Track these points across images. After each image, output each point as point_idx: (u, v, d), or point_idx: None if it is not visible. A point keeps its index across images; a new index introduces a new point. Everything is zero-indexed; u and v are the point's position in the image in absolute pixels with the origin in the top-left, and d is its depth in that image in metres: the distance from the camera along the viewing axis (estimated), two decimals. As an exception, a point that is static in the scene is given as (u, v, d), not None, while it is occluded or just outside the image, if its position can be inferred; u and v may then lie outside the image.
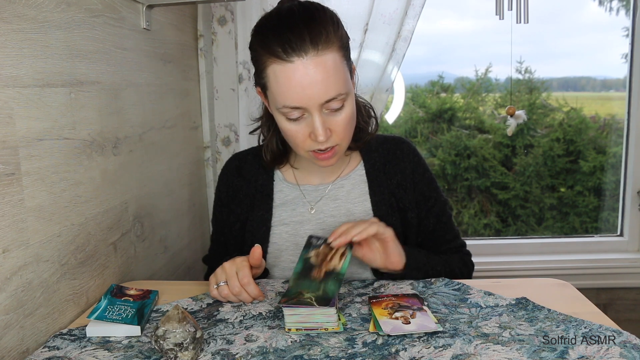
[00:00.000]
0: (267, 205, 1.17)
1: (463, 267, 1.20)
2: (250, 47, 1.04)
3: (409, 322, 0.87)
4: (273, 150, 1.15)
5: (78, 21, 1.03)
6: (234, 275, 0.98)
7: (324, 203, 1.16)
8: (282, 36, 0.95)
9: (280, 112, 1.00)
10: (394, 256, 1.04)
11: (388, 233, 1.01)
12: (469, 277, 1.21)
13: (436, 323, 0.87)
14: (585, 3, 2.11)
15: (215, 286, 0.99)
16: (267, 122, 1.15)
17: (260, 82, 1.02)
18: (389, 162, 1.18)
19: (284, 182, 1.19)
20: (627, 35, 1.97)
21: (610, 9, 2.06)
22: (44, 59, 0.92)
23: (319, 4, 1.02)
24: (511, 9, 1.59)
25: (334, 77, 0.96)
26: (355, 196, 1.16)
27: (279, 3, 1.05)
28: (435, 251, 1.17)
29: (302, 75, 0.94)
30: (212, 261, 1.24)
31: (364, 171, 1.18)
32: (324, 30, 0.96)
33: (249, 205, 1.18)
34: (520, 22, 1.59)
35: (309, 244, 1.00)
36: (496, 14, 1.60)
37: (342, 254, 0.96)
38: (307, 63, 0.94)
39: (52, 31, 0.95)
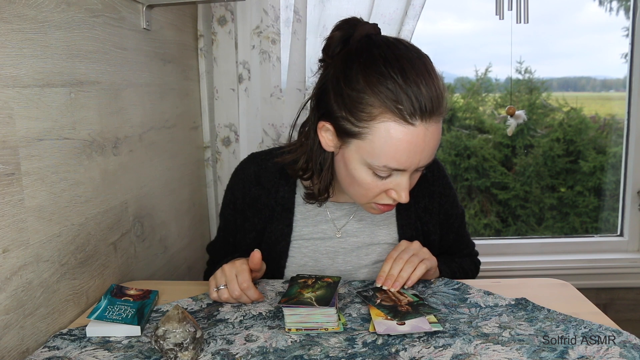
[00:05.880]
0: (288, 220, 1.12)
1: (474, 270, 1.24)
2: (353, 88, 0.89)
3: (404, 323, 0.87)
4: (327, 187, 1.04)
5: (78, 21, 1.03)
6: (233, 279, 0.97)
7: (348, 222, 1.13)
8: (413, 98, 0.86)
9: (369, 167, 0.92)
10: (430, 276, 1.07)
11: (432, 263, 1.02)
12: (476, 275, 1.25)
13: (434, 323, 0.87)
14: (585, 3, 2.11)
15: (215, 289, 0.99)
16: (319, 157, 1.01)
17: (351, 129, 0.91)
18: (418, 184, 1.08)
19: None
20: (627, 35, 1.97)
21: (610, 9, 2.06)
22: (44, 59, 0.92)
23: (426, 55, 0.92)
24: (511, 9, 1.59)
25: (438, 142, 0.92)
26: (381, 219, 1.13)
27: (365, 29, 0.94)
28: (451, 257, 1.21)
29: (419, 141, 0.88)
30: (217, 254, 1.24)
31: None
32: (444, 93, 0.89)
33: (268, 217, 1.13)
34: (520, 22, 1.59)
35: (367, 298, 0.97)
36: (496, 14, 1.60)
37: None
38: (427, 128, 0.87)
39: (52, 31, 0.95)
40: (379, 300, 0.95)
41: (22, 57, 0.87)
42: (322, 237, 1.12)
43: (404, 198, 0.94)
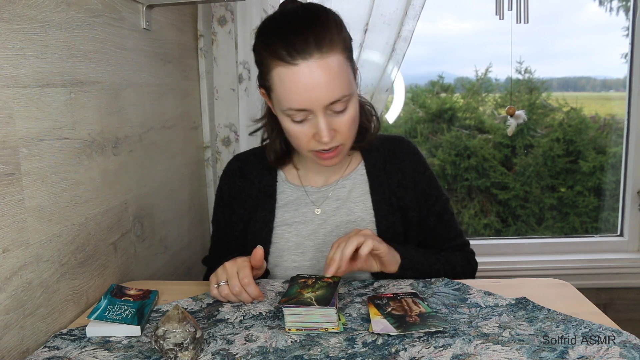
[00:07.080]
0: (270, 206, 1.17)
1: (466, 265, 1.20)
2: (254, 50, 1.04)
3: None
4: (277, 150, 1.16)
5: (78, 21, 1.03)
6: (234, 275, 0.98)
7: (327, 204, 1.16)
8: (286, 39, 0.95)
9: (285, 114, 1.01)
10: (390, 265, 1.05)
11: (382, 248, 1.00)
12: (472, 276, 1.21)
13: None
14: (585, 3, 2.11)
15: (216, 285, 0.99)
16: (271, 122, 1.15)
17: (265, 84, 1.03)
18: (389, 161, 1.19)
19: (286, 182, 1.19)
20: (627, 35, 1.97)
21: (610, 9, 2.06)
22: (44, 59, 0.92)
23: (321, 6, 1.03)
24: (511, 9, 1.59)
25: (338, 79, 0.97)
26: (356, 195, 1.17)
27: (281, 4, 1.06)
28: (436, 250, 1.18)
29: (307, 78, 0.95)
30: (212, 261, 1.24)
31: (364, 171, 1.18)
32: (328, 33, 0.97)
33: (252, 206, 1.18)
34: (520, 22, 1.59)
35: (379, 306, 0.94)
36: (496, 14, 1.60)
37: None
38: (311, 66, 0.95)
39: (52, 31, 0.95)
40: (389, 309, 0.93)
41: (22, 57, 0.87)
42: (304, 220, 1.15)
43: (324, 137, 0.99)
